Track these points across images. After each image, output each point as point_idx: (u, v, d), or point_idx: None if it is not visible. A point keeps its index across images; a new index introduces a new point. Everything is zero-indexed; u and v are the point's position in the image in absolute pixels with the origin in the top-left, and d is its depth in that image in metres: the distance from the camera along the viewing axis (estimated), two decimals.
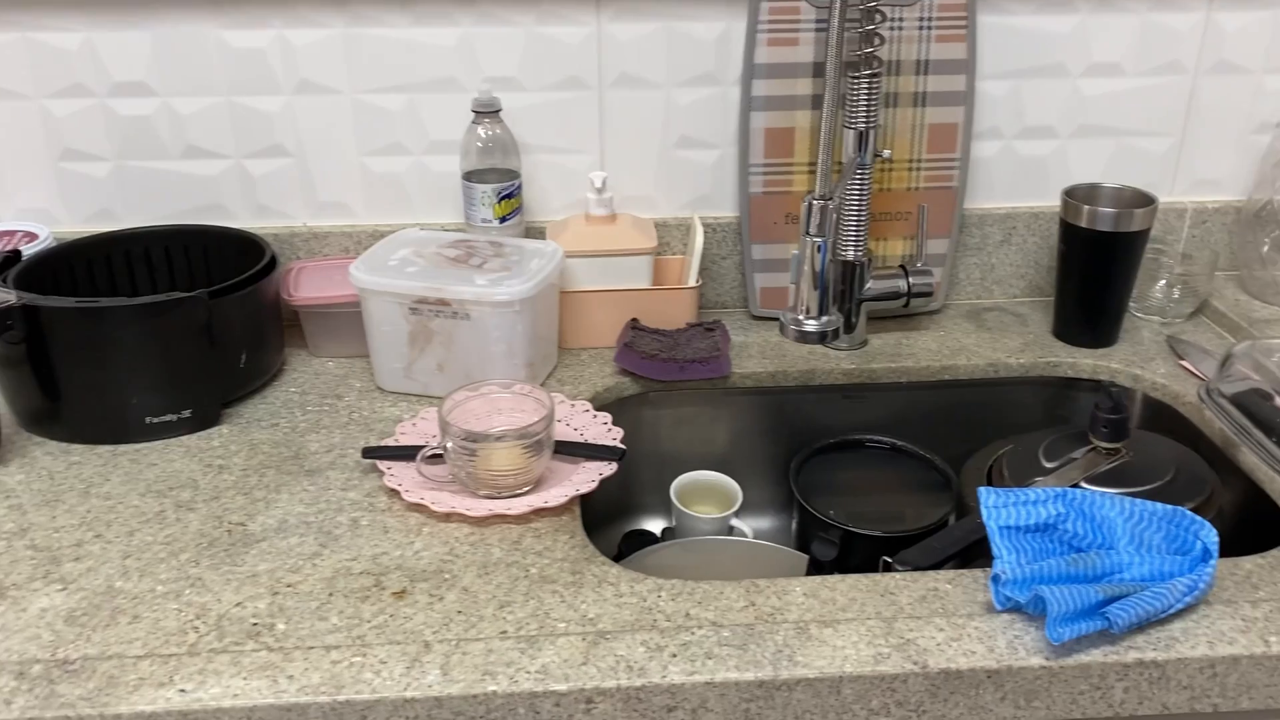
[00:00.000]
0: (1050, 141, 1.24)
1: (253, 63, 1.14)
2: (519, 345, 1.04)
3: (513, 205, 1.16)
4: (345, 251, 1.22)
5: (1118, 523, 0.78)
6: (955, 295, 1.29)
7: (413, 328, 1.05)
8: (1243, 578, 0.80)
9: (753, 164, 1.19)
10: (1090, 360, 1.16)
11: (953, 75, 1.17)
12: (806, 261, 0.98)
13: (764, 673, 0.71)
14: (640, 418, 1.16)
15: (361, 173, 1.21)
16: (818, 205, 0.96)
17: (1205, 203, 1.28)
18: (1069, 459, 0.99)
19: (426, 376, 1.07)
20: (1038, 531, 0.80)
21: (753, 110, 1.17)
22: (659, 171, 1.22)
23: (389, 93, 1.17)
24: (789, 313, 1.00)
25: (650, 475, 1.19)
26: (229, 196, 1.21)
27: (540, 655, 0.73)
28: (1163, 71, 1.21)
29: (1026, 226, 1.26)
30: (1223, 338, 1.19)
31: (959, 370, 1.16)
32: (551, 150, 1.21)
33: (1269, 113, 1.24)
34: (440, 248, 1.10)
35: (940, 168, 1.20)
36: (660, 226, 1.23)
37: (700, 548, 1.10)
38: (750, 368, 1.15)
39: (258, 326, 1.08)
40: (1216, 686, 0.73)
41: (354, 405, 1.07)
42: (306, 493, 0.93)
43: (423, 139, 1.19)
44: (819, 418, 1.18)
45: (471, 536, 0.87)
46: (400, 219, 1.23)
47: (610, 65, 1.17)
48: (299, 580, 0.82)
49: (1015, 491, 0.81)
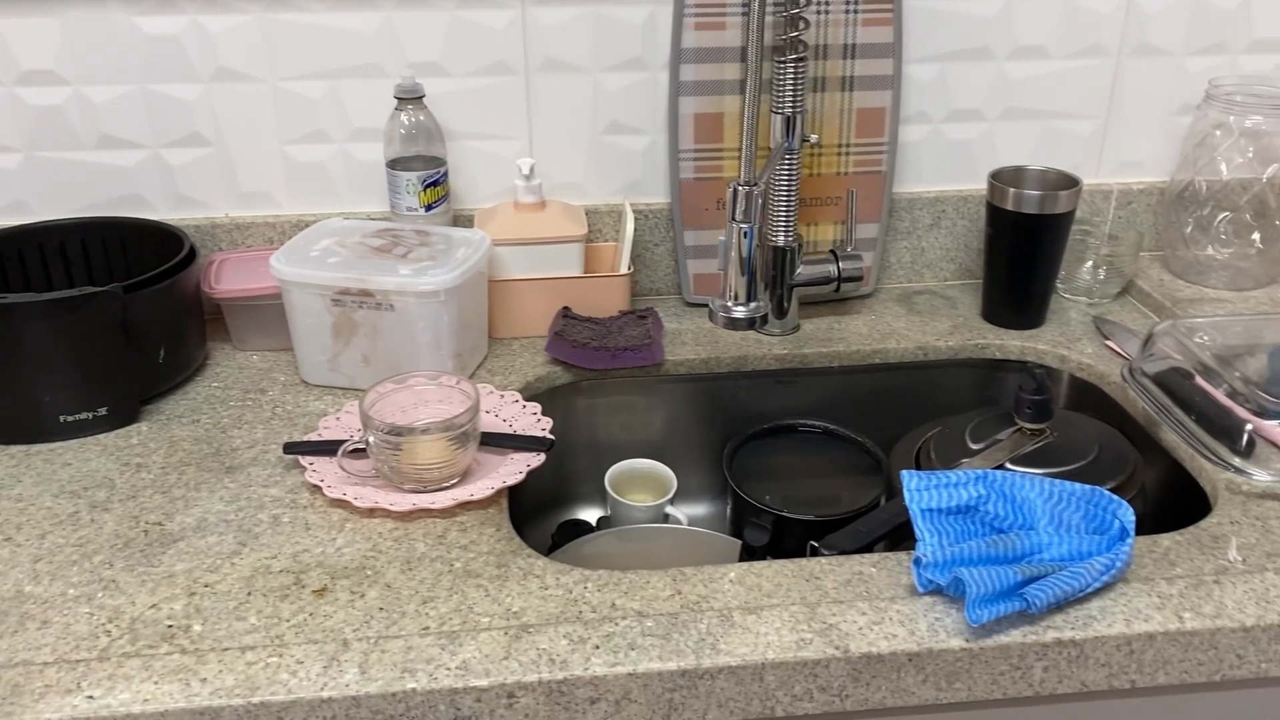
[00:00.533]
0: (977, 125, 1.24)
1: (167, 50, 1.11)
2: (445, 336, 1.03)
3: (439, 193, 1.14)
4: (269, 242, 1.19)
5: (1037, 503, 0.79)
6: (886, 279, 1.29)
7: (336, 320, 1.03)
8: (1160, 555, 0.82)
9: (682, 150, 1.18)
10: (1018, 342, 1.17)
11: (879, 59, 1.17)
12: (734, 248, 0.97)
13: (686, 662, 0.71)
14: (573, 407, 1.15)
15: (284, 161, 1.18)
16: (743, 191, 0.95)
17: (1130, 184, 1.29)
18: (994, 440, 1.00)
19: (352, 369, 1.05)
20: (960, 513, 0.80)
21: (681, 95, 1.16)
22: (589, 157, 1.21)
23: (310, 80, 1.14)
24: (717, 299, 1.00)
25: (584, 464, 1.18)
26: (147, 187, 1.18)
27: (461, 651, 0.72)
28: (1087, 54, 1.22)
29: (955, 210, 1.27)
30: (1148, 317, 1.21)
31: (889, 354, 1.16)
32: (478, 137, 1.19)
33: (1190, 94, 1.26)
34: (364, 237, 1.08)
35: (869, 152, 1.20)
36: (591, 213, 1.22)
37: (635, 536, 1.09)
38: (683, 355, 1.14)
39: (177, 321, 1.05)
40: (1133, 663, 0.74)
41: (278, 399, 1.05)
42: (227, 490, 0.91)
43: (346, 126, 1.17)
44: (752, 403, 1.18)
45: (395, 532, 0.86)
46: (324, 208, 1.20)
47: (536, 50, 1.15)
48: (217, 580, 0.80)
49: (937, 474, 0.81)
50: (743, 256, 0.98)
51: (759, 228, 0.98)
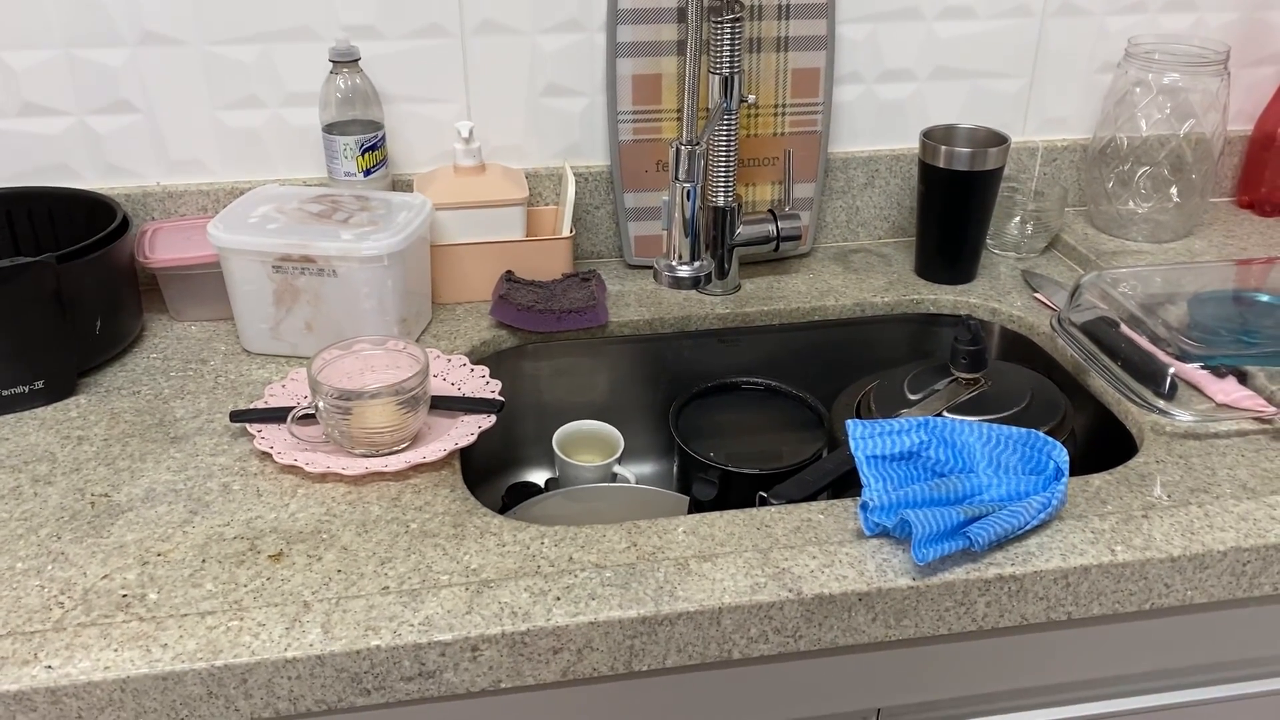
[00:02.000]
0: (909, 84, 1.27)
1: (90, 12, 1.08)
2: (390, 301, 1.03)
3: (377, 157, 1.13)
4: (203, 211, 1.17)
5: (976, 447, 0.82)
6: (823, 238, 1.32)
7: (277, 286, 1.02)
8: (1092, 494, 0.85)
9: (621, 111, 1.19)
10: (951, 296, 1.20)
11: (813, 20, 1.18)
12: (677, 208, 0.98)
13: (646, 609, 0.73)
14: (519, 370, 1.16)
15: (216, 128, 1.16)
16: (685, 150, 0.97)
17: (1055, 141, 1.33)
18: (932, 390, 1.03)
19: (295, 336, 1.04)
20: (902, 459, 0.83)
21: (619, 57, 1.16)
22: (527, 120, 1.21)
23: (241, 43, 1.12)
24: (662, 259, 1.01)
25: (532, 427, 1.19)
26: (73, 156, 1.14)
27: (423, 608, 0.73)
28: (1012, 14, 1.26)
29: (889, 169, 1.30)
30: (1073, 270, 1.25)
31: (828, 311, 1.19)
32: (415, 100, 1.18)
33: (1110, 53, 1.30)
34: (303, 203, 1.07)
35: (804, 112, 1.22)
36: (531, 176, 1.22)
37: (584, 496, 1.11)
38: (627, 316, 1.15)
39: (113, 291, 1.03)
40: (1070, 596, 0.78)
41: (220, 369, 1.04)
42: (174, 460, 0.90)
43: (279, 91, 1.15)
44: (696, 362, 1.20)
45: (349, 496, 0.86)
46: (260, 175, 1.19)
47: (471, 11, 1.15)
48: (170, 549, 0.80)
49: (880, 423, 0.84)
50: (686, 216, 0.99)
51: (702, 186, 0.99)
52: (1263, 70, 1.34)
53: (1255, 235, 1.31)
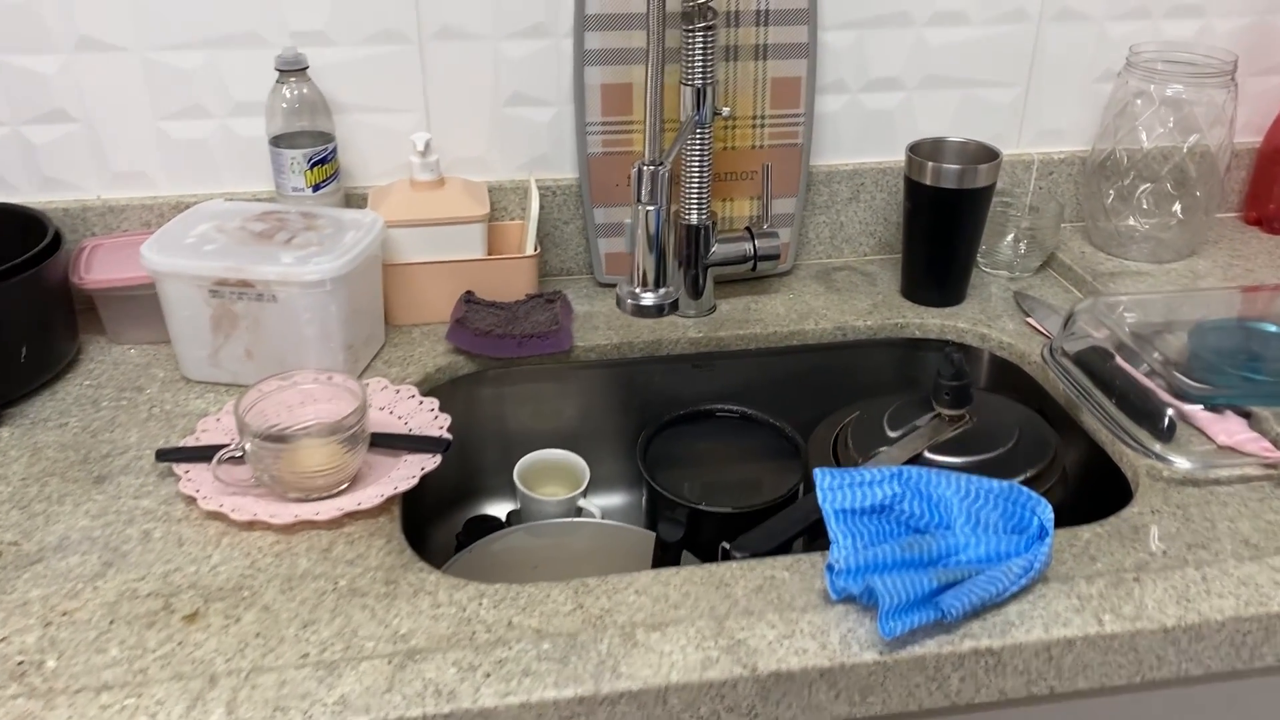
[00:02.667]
0: (896, 94, 1.20)
1: (20, 16, 1.02)
2: (334, 328, 0.96)
3: (327, 171, 1.06)
4: (146, 226, 1.11)
5: (954, 502, 0.76)
6: (805, 255, 1.25)
7: (215, 312, 0.96)
8: (1081, 549, 0.79)
9: (589, 123, 1.12)
10: (938, 320, 1.13)
11: (794, 26, 1.11)
12: (640, 231, 0.92)
13: (585, 688, 0.66)
14: (479, 396, 1.09)
15: (159, 138, 1.09)
16: (648, 171, 0.90)
17: (1051, 154, 1.26)
18: (913, 426, 0.96)
19: (235, 364, 0.98)
20: (875, 513, 0.77)
21: (587, 65, 1.10)
22: (491, 131, 1.14)
23: (184, 49, 1.06)
24: (625, 285, 0.95)
25: (493, 457, 1.13)
26: (8, 168, 1.08)
27: (340, 684, 0.66)
28: (1007, 20, 1.18)
29: (874, 183, 1.23)
30: (1069, 292, 1.18)
31: (807, 335, 1.12)
32: (370, 110, 1.11)
33: (1112, 61, 1.22)
34: (246, 221, 1.00)
35: (785, 124, 1.15)
36: (496, 190, 1.16)
37: (546, 532, 1.04)
38: (594, 340, 1.09)
39: (41, 315, 0.97)
40: (1052, 670, 0.72)
41: (156, 398, 0.97)
42: (94, 503, 0.84)
43: (226, 100, 1.08)
44: (668, 388, 1.13)
45: (277, 546, 0.80)
46: (207, 188, 1.12)
47: (430, 16, 1.08)
48: (77, 607, 0.73)
49: (851, 473, 0.77)
50: (650, 239, 0.92)
51: (668, 208, 0.92)
52: (1273, 79, 1.27)
53: (1263, 254, 1.24)
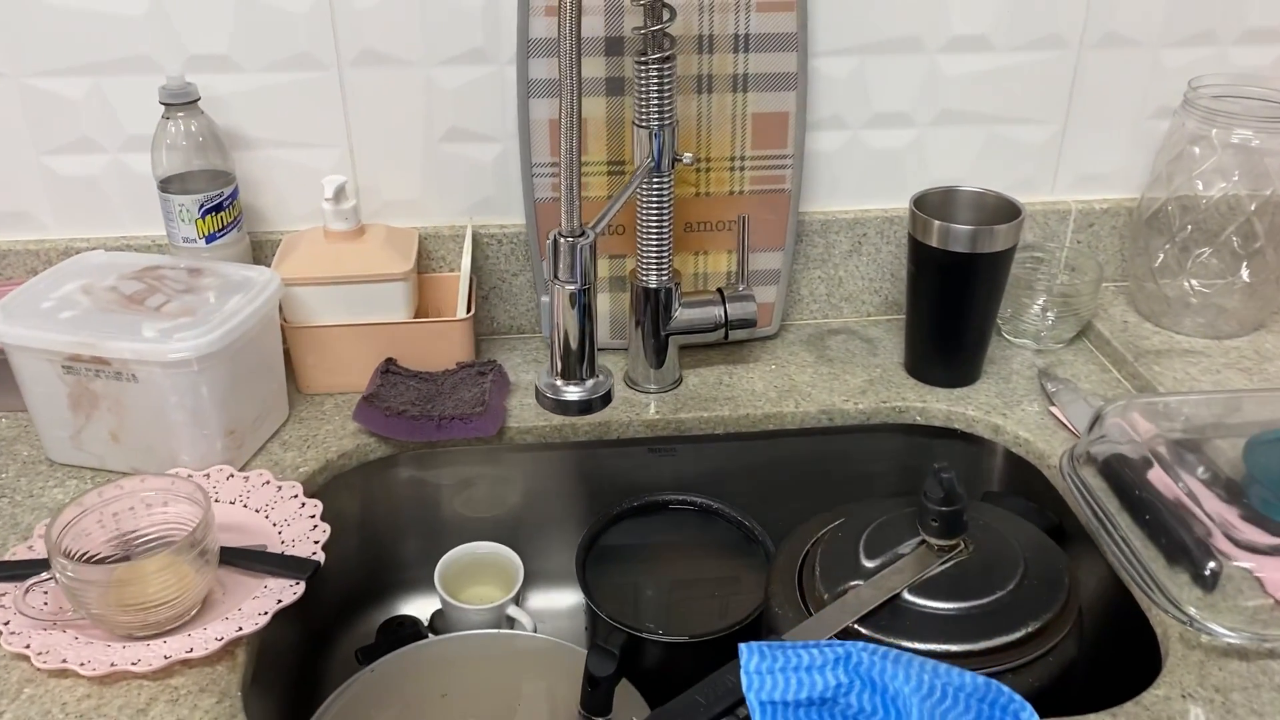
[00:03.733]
0: (905, 131, 1.02)
1: None
2: (209, 412, 0.82)
3: (223, 220, 0.92)
4: (32, 273, 0.98)
5: (913, 702, 0.58)
6: (797, 314, 1.08)
7: (72, 390, 0.82)
8: None
9: (536, 164, 0.96)
10: (944, 405, 0.95)
11: (780, 53, 0.94)
12: (559, 313, 0.75)
13: None
14: (397, 479, 0.94)
15: (43, 175, 0.96)
16: (565, 244, 0.74)
17: (1091, 202, 1.07)
18: (895, 555, 0.79)
19: (100, 447, 0.84)
20: (813, 706, 0.60)
21: (532, 97, 0.94)
22: (426, 170, 0.99)
23: (67, 75, 0.92)
24: (545, 376, 0.78)
25: (415, 548, 0.98)
26: None
27: None
28: (1041, 45, 0.99)
29: (879, 233, 1.05)
30: (1105, 371, 0.99)
31: (786, 418, 0.95)
32: (285, 145, 0.96)
33: (1167, 95, 1.03)
34: (121, 279, 0.86)
35: (769, 166, 0.98)
36: (432, 238, 1.00)
37: (469, 645, 0.89)
38: (532, 420, 0.93)
39: None
40: None
41: (10, 485, 0.84)
42: None
43: (117, 133, 0.94)
44: (620, 475, 0.97)
45: (84, 703, 0.65)
46: (101, 232, 0.99)
47: (348, 38, 0.93)
48: None
49: (786, 651, 0.61)
50: (569, 324, 0.76)
51: (593, 285, 0.76)
52: None
53: None
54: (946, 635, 0.71)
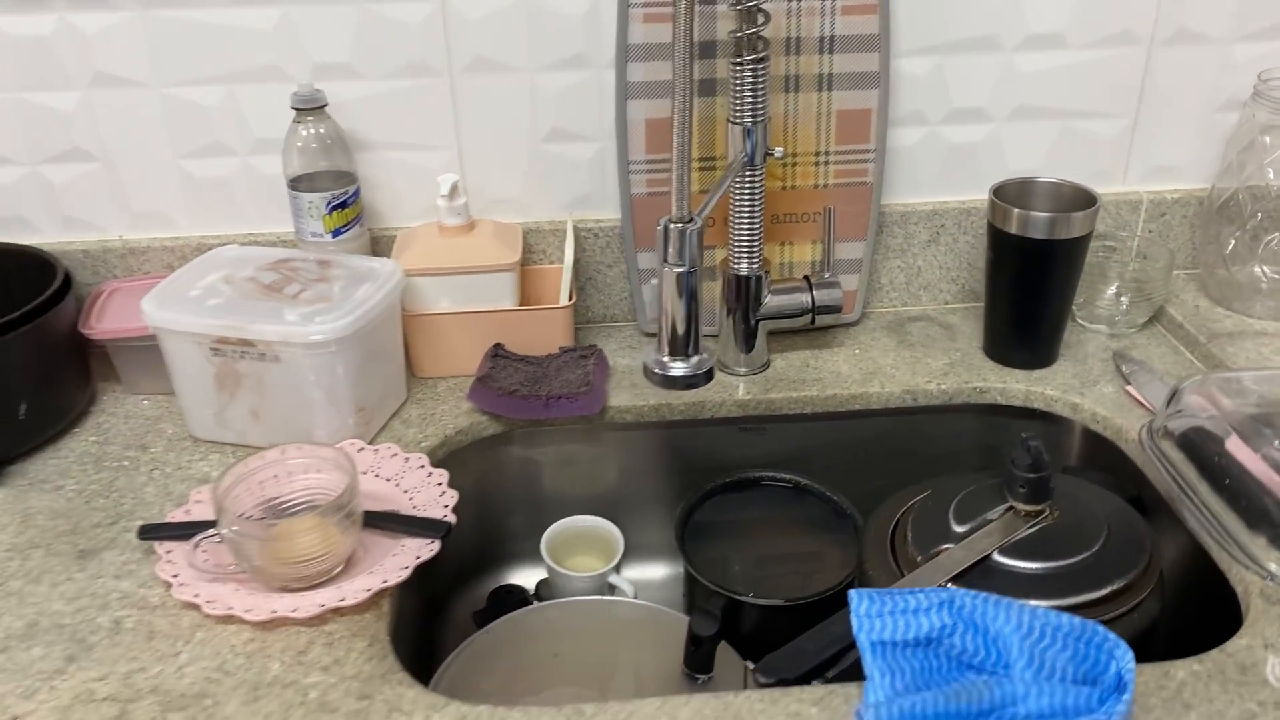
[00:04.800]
0: (982, 126, 1.07)
1: (37, 53, 0.97)
2: (342, 390, 0.89)
3: (347, 216, 0.99)
4: (168, 268, 1.06)
5: (1014, 640, 0.63)
6: (877, 303, 1.13)
7: (218, 370, 0.89)
8: (1172, 693, 0.66)
9: (633, 161, 1.02)
10: (1023, 385, 1.00)
11: (863, 53, 0.99)
12: (668, 295, 0.81)
13: None
14: (507, 457, 1.01)
15: (180, 177, 1.04)
16: (675, 230, 0.80)
17: (1163, 193, 1.11)
18: (984, 520, 0.83)
19: (241, 424, 0.92)
20: (920, 646, 0.65)
21: (630, 99, 1.00)
22: (529, 169, 1.06)
23: (203, 85, 1.00)
24: (652, 353, 0.85)
25: (521, 522, 1.04)
26: (29, 208, 1.04)
27: None
28: (1113, 42, 1.04)
29: (956, 224, 1.10)
30: (1178, 353, 1.03)
31: (871, 399, 1.00)
32: (400, 147, 1.04)
33: (1237, 88, 1.07)
34: (258, 270, 0.94)
35: (852, 161, 1.03)
36: (534, 232, 1.07)
37: (574, 610, 0.95)
38: (631, 400, 0.99)
39: (45, 367, 0.92)
40: None
41: (160, 458, 0.92)
42: (72, 583, 0.78)
43: (247, 137, 1.02)
44: (713, 452, 1.03)
45: (250, 645, 0.72)
46: (230, 229, 1.06)
47: (460, 47, 1.00)
48: (29, 710, 0.67)
49: (893, 596, 0.66)
50: (677, 304, 0.82)
51: (699, 268, 0.82)
52: None
53: None
54: (1035, 593, 0.76)
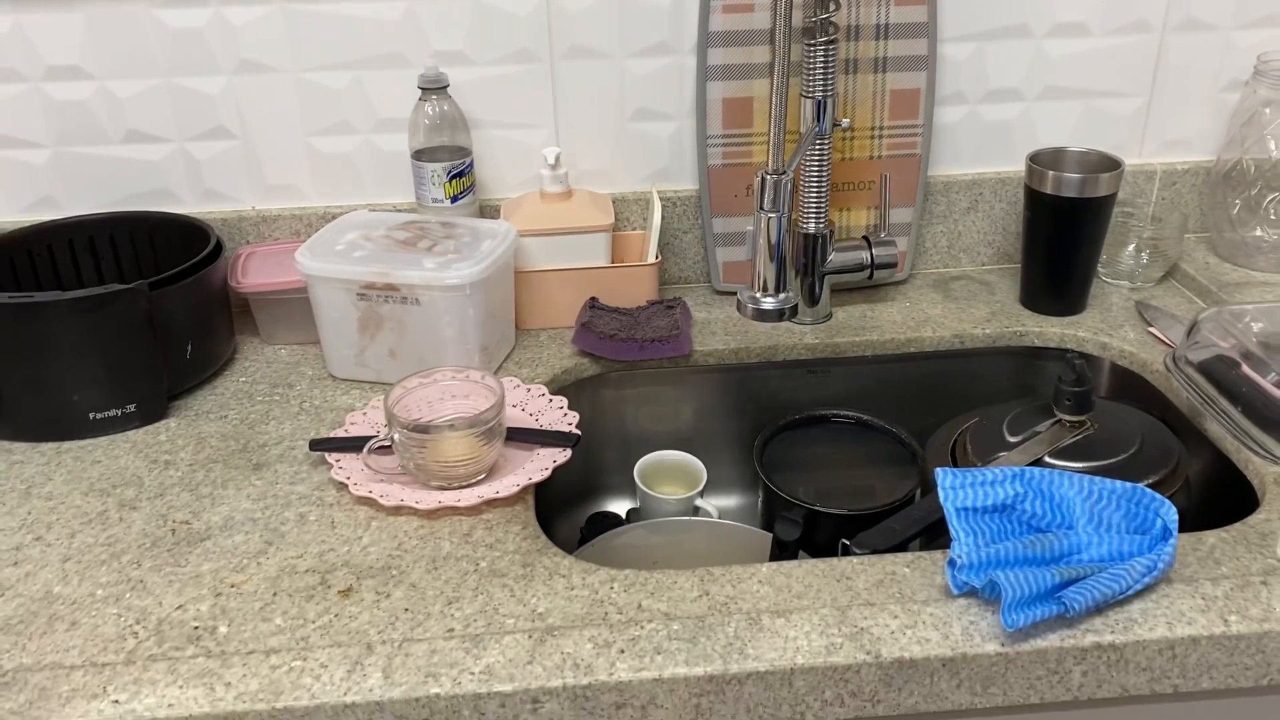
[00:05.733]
0: (1015, 105, 1.21)
1: (191, 42, 1.11)
2: (471, 330, 1.02)
3: (464, 184, 1.13)
4: (295, 235, 1.19)
5: (1076, 502, 0.77)
6: (922, 265, 1.27)
7: (362, 314, 1.02)
8: (1205, 553, 0.79)
9: (710, 135, 1.16)
10: (1057, 329, 1.14)
11: (913, 39, 1.14)
12: (762, 237, 0.95)
13: (714, 667, 0.69)
14: (601, 398, 1.14)
15: (309, 153, 1.17)
16: (771, 180, 0.93)
17: (1175, 164, 1.25)
18: (1033, 432, 0.97)
19: (379, 363, 1.05)
20: (996, 512, 0.78)
21: (709, 80, 1.14)
22: (616, 145, 1.19)
23: (333, 70, 1.13)
24: (746, 290, 0.98)
25: (614, 456, 1.17)
26: (174, 181, 1.17)
27: (485, 655, 0.71)
28: (1129, 30, 1.18)
29: (993, 193, 1.24)
30: (1192, 302, 1.17)
31: (924, 342, 1.14)
32: (504, 125, 1.17)
33: (1239, 70, 1.21)
34: (390, 229, 1.07)
35: (903, 135, 1.17)
36: (619, 201, 1.20)
37: (666, 529, 1.08)
38: (712, 345, 1.12)
39: (204, 316, 1.05)
40: (1176, 668, 0.72)
41: (305, 394, 1.04)
42: (254, 488, 0.91)
43: (370, 117, 1.16)
44: (784, 393, 1.16)
45: (421, 530, 0.85)
46: (351, 200, 1.20)
47: (561, 36, 1.13)
48: (243, 580, 0.80)
49: (973, 472, 0.79)
50: (771, 246, 0.95)
51: (788, 216, 0.96)
52: None
53: None
54: None
